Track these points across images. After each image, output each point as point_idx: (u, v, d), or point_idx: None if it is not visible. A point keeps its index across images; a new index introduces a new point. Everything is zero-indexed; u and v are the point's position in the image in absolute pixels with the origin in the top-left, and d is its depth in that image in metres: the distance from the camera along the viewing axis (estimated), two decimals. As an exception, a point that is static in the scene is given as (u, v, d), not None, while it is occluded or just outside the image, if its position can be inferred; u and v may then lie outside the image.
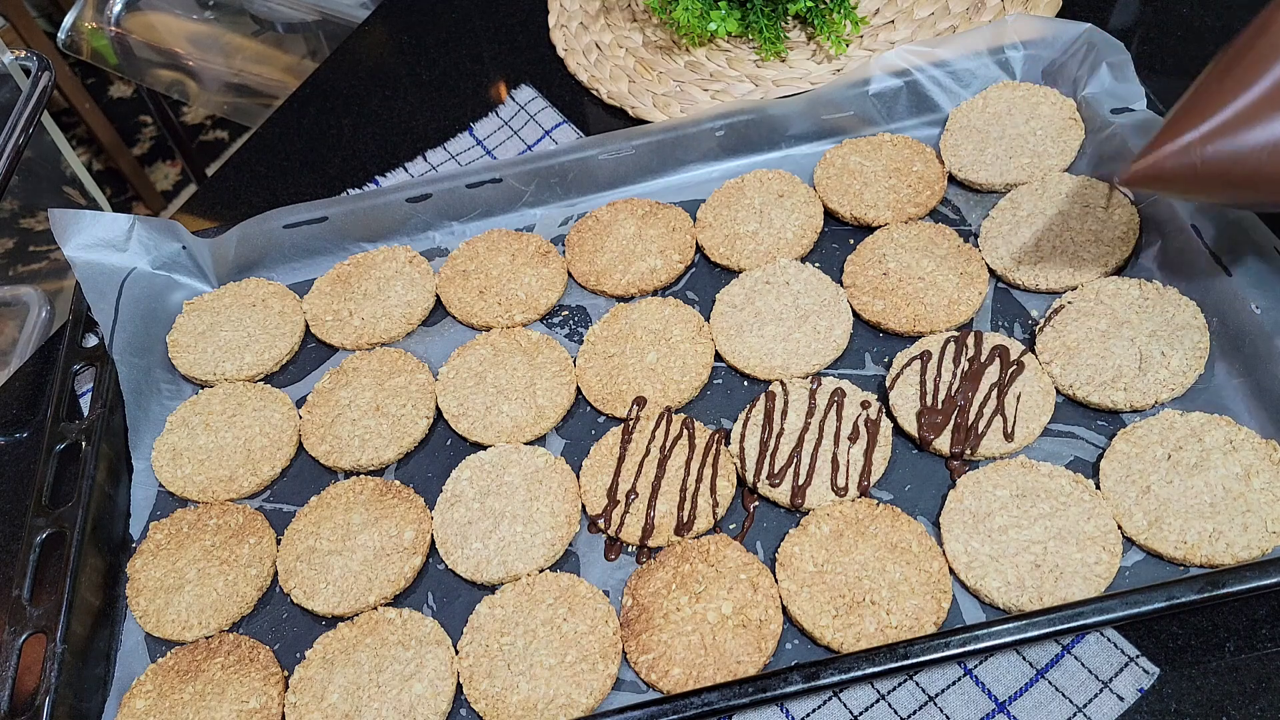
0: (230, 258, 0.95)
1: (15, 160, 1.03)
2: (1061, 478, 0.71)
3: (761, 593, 0.69)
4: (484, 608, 0.72)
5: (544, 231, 0.96)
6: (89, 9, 1.61)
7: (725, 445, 0.78)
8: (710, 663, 0.67)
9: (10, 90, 1.37)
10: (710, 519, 0.74)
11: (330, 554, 0.76)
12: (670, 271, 0.90)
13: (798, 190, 0.92)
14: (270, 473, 0.83)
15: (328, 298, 0.93)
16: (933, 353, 0.79)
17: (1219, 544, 0.66)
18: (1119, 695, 0.64)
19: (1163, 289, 0.79)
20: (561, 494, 0.77)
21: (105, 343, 0.87)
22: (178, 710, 0.70)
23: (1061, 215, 0.85)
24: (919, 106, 0.96)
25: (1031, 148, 0.90)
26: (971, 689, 0.65)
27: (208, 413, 0.86)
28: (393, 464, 0.83)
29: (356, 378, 0.86)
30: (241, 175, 1.10)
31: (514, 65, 1.14)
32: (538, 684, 0.67)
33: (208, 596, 0.75)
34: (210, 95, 1.60)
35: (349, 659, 0.70)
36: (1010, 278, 0.83)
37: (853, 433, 0.76)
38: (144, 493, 0.84)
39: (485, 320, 0.89)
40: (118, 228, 0.90)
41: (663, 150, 0.95)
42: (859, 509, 0.72)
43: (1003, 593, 0.67)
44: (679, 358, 0.83)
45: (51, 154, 1.62)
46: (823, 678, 0.61)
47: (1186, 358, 0.75)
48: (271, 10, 1.52)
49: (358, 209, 0.95)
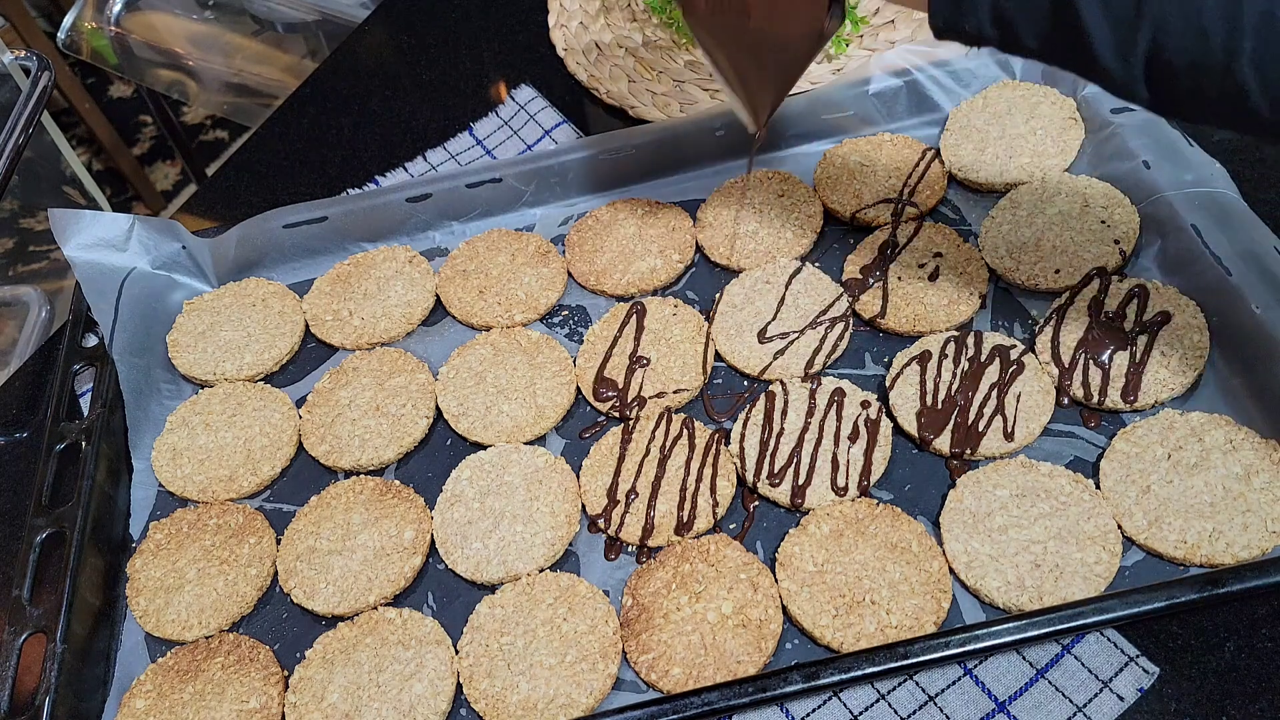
0: (230, 258, 0.95)
1: (15, 160, 1.03)
2: (1061, 477, 0.71)
3: (761, 592, 0.69)
4: (484, 607, 0.72)
5: (544, 231, 0.96)
6: (89, 9, 1.60)
7: (725, 445, 0.78)
8: (710, 662, 0.67)
9: (10, 90, 1.37)
10: (710, 519, 0.74)
11: (330, 554, 0.76)
12: (670, 271, 0.90)
13: (798, 190, 0.92)
14: (270, 473, 0.83)
15: (328, 298, 0.93)
16: (933, 353, 0.79)
17: (1219, 544, 0.66)
18: (1119, 695, 0.64)
19: (1162, 288, 0.79)
20: (561, 494, 0.77)
21: (105, 343, 0.87)
22: (178, 710, 0.70)
23: (1061, 215, 0.85)
24: (919, 106, 0.96)
25: (1031, 148, 0.90)
26: (971, 689, 0.65)
27: (208, 413, 0.86)
28: (393, 464, 0.83)
29: (356, 378, 0.86)
30: (241, 175, 1.10)
31: (514, 65, 1.14)
32: (538, 684, 0.67)
33: (208, 596, 0.75)
34: (210, 95, 1.60)
35: (349, 659, 0.70)
36: (1010, 278, 0.83)
37: (853, 433, 0.76)
38: (144, 493, 0.84)
39: (485, 320, 0.89)
40: (118, 228, 0.90)
41: (663, 150, 0.95)
42: (859, 509, 0.72)
43: (1003, 592, 0.67)
44: (679, 358, 0.83)
45: (51, 154, 1.62)
46: (823, 678, 0.61)
47: (1186, 358, 0.75)
48: (271, 10, 1.52)
49: (358, 209, 0.95)
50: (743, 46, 0.68)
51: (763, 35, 0.66)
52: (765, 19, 0.64)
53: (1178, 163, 0.83)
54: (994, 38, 0.57)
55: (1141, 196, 0.84)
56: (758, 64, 0.69)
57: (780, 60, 0.69)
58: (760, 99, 0.73)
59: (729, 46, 0.68)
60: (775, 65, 0.69)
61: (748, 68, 0.70)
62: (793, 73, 0.71)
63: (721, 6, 0.65)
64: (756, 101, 0.73)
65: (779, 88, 0.72)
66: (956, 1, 0.56)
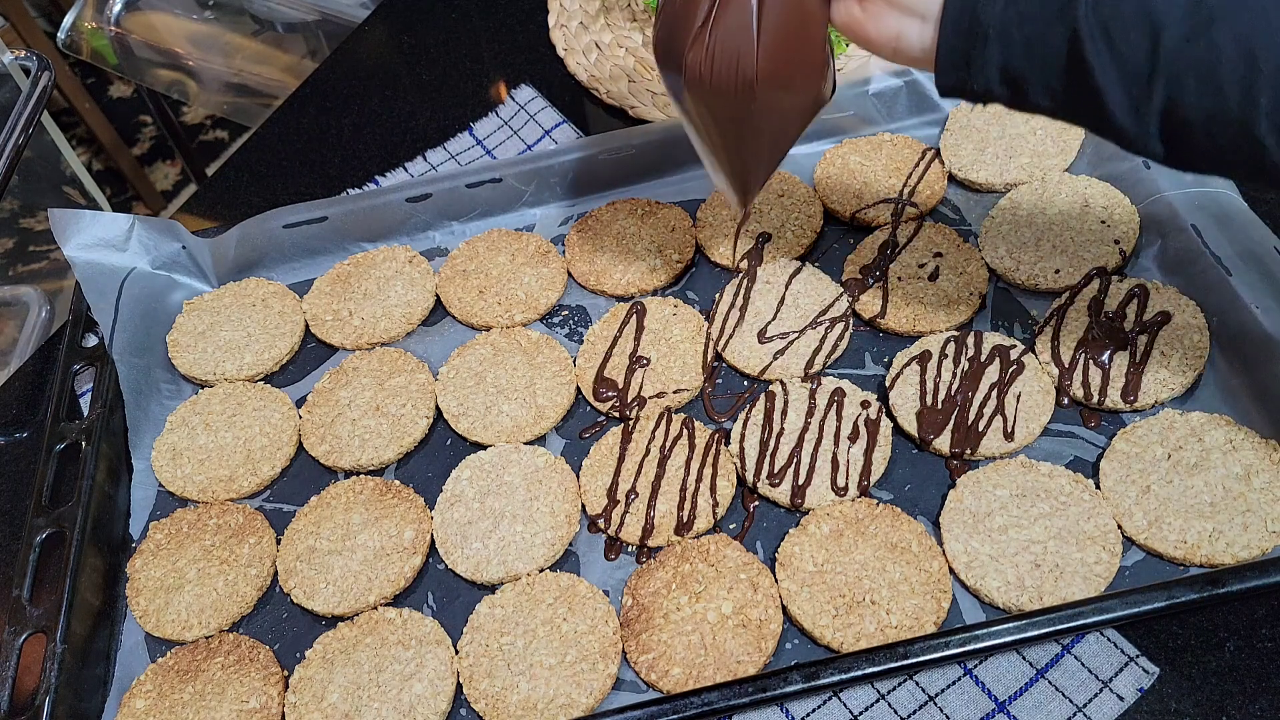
0: (230, 257, 0.95)
1: (15, 160, 1.02)
2: (1061, 477, 0.71)
3: (761, 592, 0.69)
4: (484, 607, 0.72)
5: (544, 231, 0.96)
6: (89, 9, 1.60)
7: (725, 445, 0.78)
8: (710, 662, 0.67)
9: (10, 90, 1.37)
10: (710, 519, 0.74)
11: (330, 554, 0.76)
12: (670, 271, 0.90)
13: (798, 190, 0.92)
14: (270, 473, 0.82)
15: (328, 298, 0.93)
16: (933, 353, 0.79)
17: (1219, 544, 0.66)
18: (1119, 695, 0.64)
19: (1162, 288, 0.79)
20: (561, 494, 0.77)
21: (105, 343, 0.87)
22: (178, 710, 0.70)
23: (1061, 215, 0.85)
24: (919, 106, 0.96)
25: (1031, 148, 0.90)
26: (971, 689, 0.65)
27: (208, 413, 0.86)
28: (393, 464, 0.83)
29: (356, 378, 0.86)
30: (241, 175, 1.10)
31: (514, 65, 1.14)
32: (538, 684, 0.67)
33: (208, 596, 0.75)
34: (210, 95, 1.60)
35: (349, 659, 0.70)
36: (1010, 278, 0.83)
37: (853, 432, 0.76)
38: (144, 493, 0.84)
39: (485, 320, 0.89)
40: (118, 227, 0.90)
41: (663, 150, 0.95)
42: (859, 509, 0.72)
43: (1003, 592, 0.67)
44: (679, 358, 0.83)
45: (51, 154, 1.62)
46: (823, 678, 0.61)
47: (1186, 358, 0.75)
48: (271, 10, 1.52)
49: (358, 209, 0.95)
50: (740, 126, 0.65)
51: (763, 114, 0.63)
52: (769, 98, 0.61)
53: (1178, 163, 0.83)
54: (1004, 97, 0.56)
55: (1141, 196, 0.84)
56: (753, 142, 0.66)
57: (776, 136, 0.66)
58: (751, 176, 0.70)
59: (726, 127, 0.65)
60: (770, 141, 0.67)
61: (742, 146, 0.67)
62: (785, 144, 0.68)
63: (726, 90, 0.61)
64: (747, 177, 0.70)
65: (770, 164, 0.69)
66: (964, 63, 0.55)
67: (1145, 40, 0.49)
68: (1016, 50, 0.53)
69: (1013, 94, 0.55)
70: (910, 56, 0.58)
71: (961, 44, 0.54)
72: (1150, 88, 0.50)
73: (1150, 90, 0.50)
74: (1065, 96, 0.54)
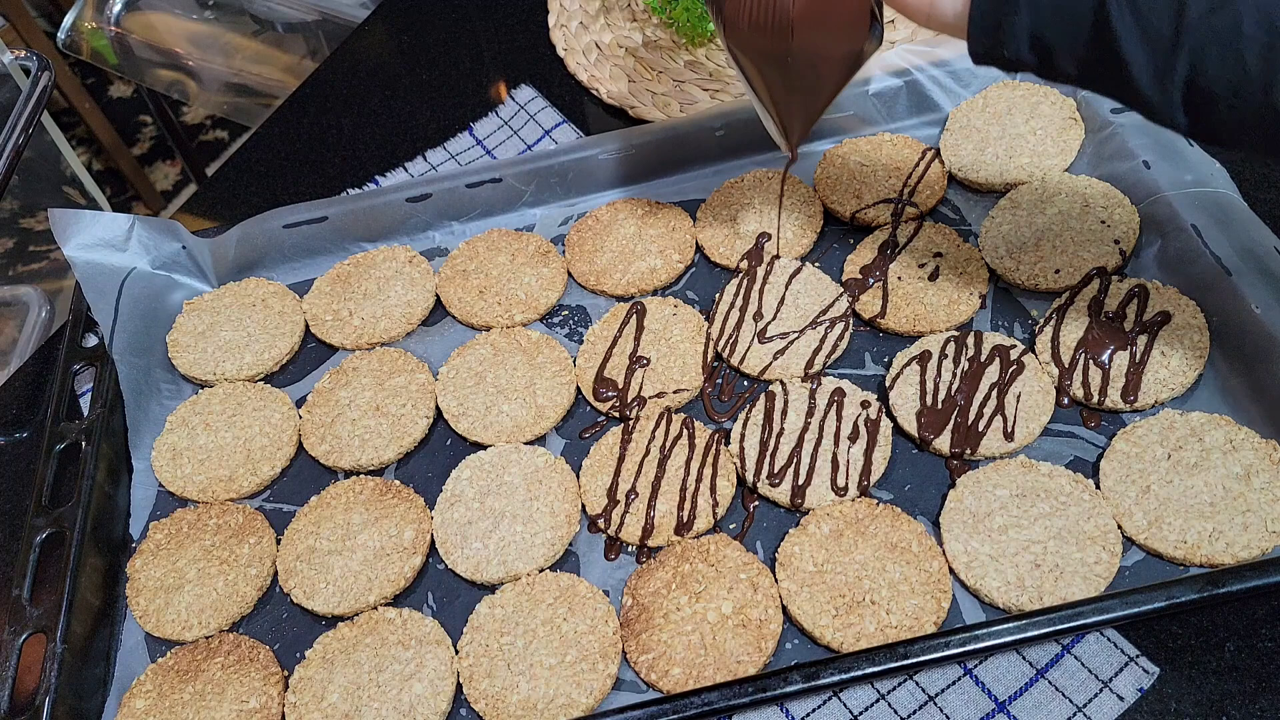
0: (230, 257, 0.95)
1: (15, 160, 1.02)
2: (1061, 477, 0.71)
3: (761, 592, 0.69)
4: (484, 608, 0.72)
5: (544, 231, 0.96)
6: (89, 9, 1.60)
7: (725, 445, 0.78)
8: (710, 662, 0.67)
9: (10, 90, 1.37)
10: (710, 519, 0.74)
11: (330, 554, 0.76)
12: (670, 271, 0.90)
13: (798, 190, 0.92)
14: (270, 473, 0.83)
15: (328, 297, 0.93)
16: (933, 353, 0.79)
17: (1219, 544, 0.66)
18: (1119, 695, 0.64)
19: (1162, 288, 0.79)
20: (561, 494, 0.77)
21: (105, 343, 0.87)
22: (178, 710, 0.70)
23: (1061, 215, 0.85)
24: (919, 106, 0.96)
25: (1031, 148, 0.90)
26: (971, 689, 0.65)
27: (208, 413, 0.86)
28: (393, 464, 0.83)
29: (356, 378, 0.86)
30: (241, 175, 1.10)
31: (514, 65, 1.14)
32: (538, 684, 0.67)
33: (208, 596, 0.75)
34: (210, 95, 1.60)
35: (349, 659, 0.70)
36: (1010, 278, 0.83)
37: (853, 432, 0.76)
38: (144, 493, 0.84)
39: (485, 320, 0.89)
40: (117, 227, 0.90)
41: (663, 150, 0.95)
42: (859, 509, 0.72)
43: (1003, 592, 0.67)
44: (679, 358, 0.83)
45: (51, 154, 1.62)
46: (823, 678, 0.61)
47: (1186, 358, 0.75)
48: (271, 10, 1.52)
49: (358, 209, 0.95)
50: (781, 68, 0.66)
51: (802, 56, 0.65)
52: (807, 40, 0.63)
53: (1178, 163, 0.83)
54: (1032, 63, 0.57)
55: (1141, 196, 0.84)
56: (795, 86, 0.68)
57: (817, 82, 0.68)
58: (794, 121, 0.72)
59: (767, 68, 0.67)
60: (812, 87, 0.68)
61: (784, 90, 0.69)
62: (827, 95, 0.70)
63: (764, 27, 0.63)
64: (790, 124, 0.72)
65: (813, 110, 0.71)
66: (995, 29, 0.56)
67: (1170, 10, 0.50)
68: (1046, 17, 0.54)
69: (1041, 61, 0.56)
70: (943, 22, 0.60)
71: (993, 10, 0.56)
72: (1174, 57, 0.51)
73: (1174, 60, 0.51)
74: (1092, 64, 0.54)
